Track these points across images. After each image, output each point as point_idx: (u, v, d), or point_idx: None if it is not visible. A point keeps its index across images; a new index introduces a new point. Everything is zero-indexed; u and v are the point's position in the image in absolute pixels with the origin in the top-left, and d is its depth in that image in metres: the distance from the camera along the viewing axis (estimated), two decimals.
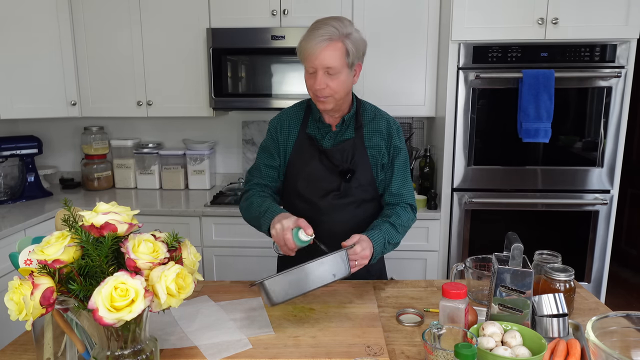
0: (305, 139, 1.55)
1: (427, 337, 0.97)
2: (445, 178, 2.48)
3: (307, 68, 1.43)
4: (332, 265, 1.23)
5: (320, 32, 1.38)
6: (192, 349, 1.13)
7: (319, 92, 1.43)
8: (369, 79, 2.62)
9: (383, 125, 1.56)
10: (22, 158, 2.76)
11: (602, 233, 2.44)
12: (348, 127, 1.55)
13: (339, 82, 1.42)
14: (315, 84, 1.42)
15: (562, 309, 1.11)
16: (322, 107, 1.48)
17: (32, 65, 2.60)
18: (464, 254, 2.50)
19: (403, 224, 1.51)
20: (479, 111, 2.38)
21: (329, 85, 1.41)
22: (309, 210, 1.54)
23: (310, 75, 1.44)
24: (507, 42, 2.33)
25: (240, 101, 2.64)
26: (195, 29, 2.64)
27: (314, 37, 1.38)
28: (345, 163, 1.52)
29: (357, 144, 1.53)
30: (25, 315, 0.82)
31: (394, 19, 2.56)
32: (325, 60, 1.38)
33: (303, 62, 1.44)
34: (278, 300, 1.18)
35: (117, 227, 0.87)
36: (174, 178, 3.00)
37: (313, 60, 1.39)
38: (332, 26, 1.39)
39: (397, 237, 1.49)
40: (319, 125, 1.55)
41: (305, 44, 1.40)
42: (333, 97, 1.44)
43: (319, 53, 1.38)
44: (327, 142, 1.54)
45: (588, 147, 2.38)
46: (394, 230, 1.47)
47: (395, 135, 1.56)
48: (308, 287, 1.20)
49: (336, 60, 1.39)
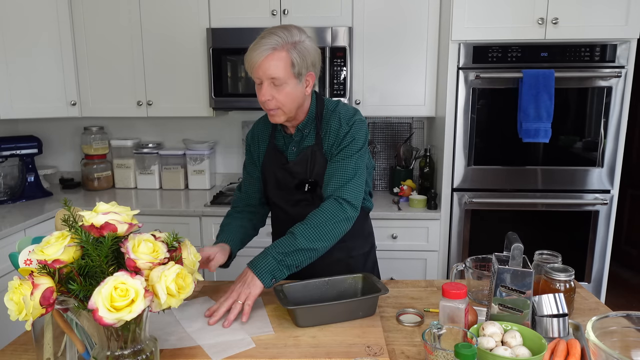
0: (274, 150, 1.55)
1: (427, 337, 0.97)
2: (445, 178, 2.48)
3: (254, 79, 1.39)
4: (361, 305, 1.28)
5: (264, 41, 1.34)
6: (193, 349, 1.13)
7: (265, 105, 1.39)
8: (369, 79, 2.62)
9: (334, 123, 1.47)
10: (22, 158, 2.76)
11: (602, 233, 2.44)
12: (309, 133, 1.49)
13: (285, 93, 1.37)
14: (260, 95, 1.37)
15: (562, 309, 1.11)
16: (272, 121, 1.44)
17: (32, 65, 2.60)
18: (464, 254, 2.50)
19: (311, 225, 1.36)
20: (479, 111, 2.38)
21: (275, 97, 1.37)
22: (286, 218, 1.55)
23: (258, 87, 1.40)
24: (507, 42, 2.33)
25: (240, 101, 2.65)
26: (195, 29, 2.64)
27: (258, 47, 1.33)
28: (306, 174, 1.49)
29: (315, 151, 1.48)
30: (25, 315, 0.82)
31: (394, 19, 2.56)
32: (269, 70, 1.33)
33: (249, 73, 1.39)
34: (305, 325, 1.24)
35: (117, 227, 0.87)
36: (174, 178, 3.00)
37: (257, 70, 1.35)
38: (278, 35, 1.34)
39: (295, 242, 1.34)
40: (284, 135, 1.54)
41: (249, 54, 1.35)
42: (281, 109, 1.40)
43: (262, 62, 1.33)
44: (290, 152, 1.52)
45: (588, 147, 2.38)
46: (288, 238, 1.35)
47: (348, 131, 1.45)
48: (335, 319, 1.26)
49: (280, 70, 1.33)
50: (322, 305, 1.23)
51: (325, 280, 1.37)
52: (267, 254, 1.33)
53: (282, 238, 1.37)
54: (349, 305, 1.25)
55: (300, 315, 1.22)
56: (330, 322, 1.25)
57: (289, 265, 1.34)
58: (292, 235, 1.36)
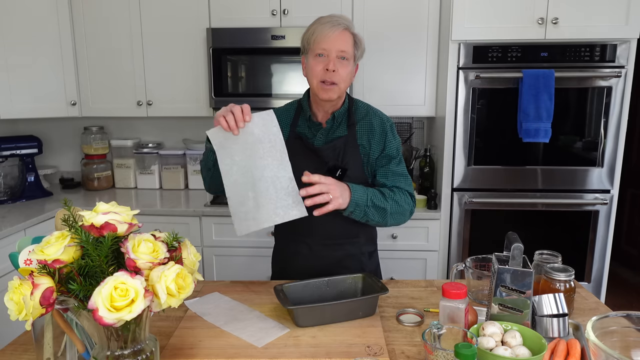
0: (296, 138, 1.54)
1: (427, 337, 0.97)
2: (445, 178, 2.48)
3: (318, 51, 1.42)
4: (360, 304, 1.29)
5: (335, 20, 1.42)
6: (192, 349, 1.13)
7: (328, 76, 1.41)
8: (369, 79, 2.62)
9: (376, 122, 1.53)
10: (22, 158, 2.76)
11: (602, 233, 2.44)
12: (340, 125, 1.53)
13: (347, 71, 1.44)
14: (328, 64, 1.41)
15: (562, 309, 1.11)
16: (325, 96, 1.45)
17: (32, 65, 2.60)
18: (464, 254, 2.50)
19: (395, 199, 1.47)
20: (479, 111, 2.38)
21: (338, 70, 1.42)
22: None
23: (319, 59, 1.42)
24: (507, 42, 2.33)
25: (240, 101, 2.62)
26: (195, 29, 2.64)
27: (329, 23, 1.41)
28: (336, 160, 1.50)
29: (349, 142, 1.51)
30: (25, 315, 0.82)
31: (394, 19, 2.56)
32: (342, 43, 1.41)
33: (312, 44, 1.43)
34: (305, 325, 1.25)
35: (117, 227, 0.87)
36: (174, 178, 3.00)
37: (328, 42, 1.40)
38: (344, 19, 1.45)
39: (384, 203, 1.44)
40: (309, 124, 1.54)
41: (321, 27, 1.42)
42: (339, 86, 1.44)
43: (337, 36, 1.40)
44: (318, 140, 1.52)
45: (588, 147, 2.38)
46: (380, 195, 1.44)
47: (390, 132, 1.54)
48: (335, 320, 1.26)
49: (350, 46, 1.43)
50: (322, 305, 1.23)
51: (325, 280, 1.37)
52: (367, 191, 1.41)
53: (377, 190, 1.45)
54: (349, 305, 1.26)
55: (300, 315, 1.22)
56: (330, 322, 1.25)
57: (367, 213, 1.42)
58: (384, 196, 1.45)
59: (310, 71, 1.45)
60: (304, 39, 1.47)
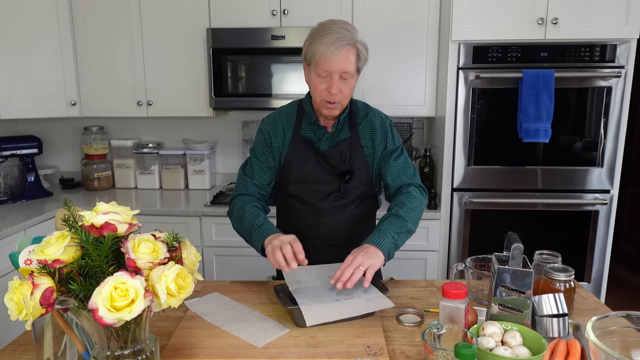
0: (301, 141, 1.53)
1: (427, 337, 0.97)
2: (445, 178, 2.48)
3: (320, 72, 1.39)
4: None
5: (338, 36, 1.35)
6: (192, 349, 1.13)
7: (332, 98, 1.41)
8: (369, 79, 2.62)
9: (377, 121, 1.55)
10: (22, 158, 2.76)
11: (602, 233, 2.44)
12: (343, 127, 1.54)
13: (349, 87, 1.42)
14: (331, 88, 1.38)
15: (562, 309, 1.11)
16: (329, 114, 1.46)
17: (32, 65, 2.60)
18: (464, 254, 2.50)
19: (409, 207, 1.45)
20: (479, 111, 2.38)
21: (341, 90, 1.40)
22: (307, 213, 1.54)
23: (323, 80, 1.40)
24: (507, 42, 2.33)
25: (240, 101, 2.64)
26: (195, 29, 2.64)
27: (333, 42, 1.34)
28: (344, 164, 1.51)
29: (353, 144, 1.52)
30: (25, 315, 0.82)
31: (393, 19, 2.56)
32: (344, 65, 1.36)
33: (316, 65, 1.39)
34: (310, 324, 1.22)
35: (117, 227, 0.87)
36: (174, 178, 3.00)
37: (331, 65, 1.36)
38: (347, 30, 1.37)
39: (405, 224, 1.41)
40: (314, 128, 1.53)
41: (325, 48, 1.35)
42: (341, 103, 1.44)
43: (341, 58, 1.35)
44: (324, 144, 1.53)
45: (588, 147, 2.38)
46: (398, 220, 1.41)
47: (390, 129, 1.56)
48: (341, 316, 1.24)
49: (352, 65, 1.39)
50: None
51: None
52: (385, 232, 1.37)
53: (390, 218, 1.41)
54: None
55: (300, 315, 1.22)
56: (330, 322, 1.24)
57: (398, 245, 1.39)
58: (400, 217, 1.41)
59: (313, 87, 1.44)
60: (306, 50, 1.42)
